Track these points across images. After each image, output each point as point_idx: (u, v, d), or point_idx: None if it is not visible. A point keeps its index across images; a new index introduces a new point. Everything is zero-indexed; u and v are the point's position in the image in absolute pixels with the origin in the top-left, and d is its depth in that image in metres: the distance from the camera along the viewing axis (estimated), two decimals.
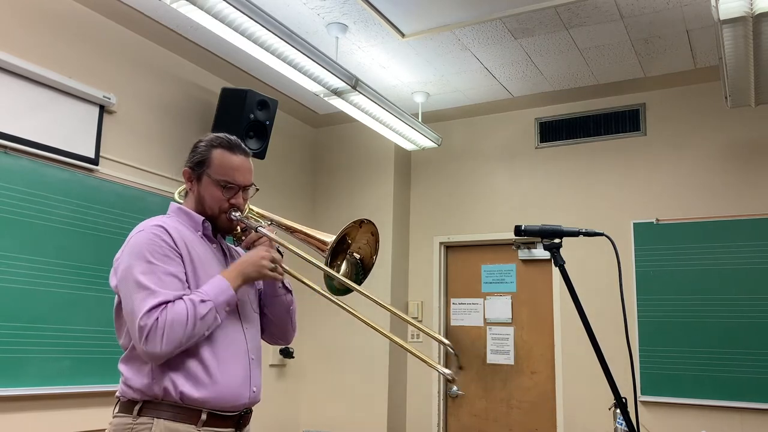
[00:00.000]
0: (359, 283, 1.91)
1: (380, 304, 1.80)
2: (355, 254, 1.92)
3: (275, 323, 1.99)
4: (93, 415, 3.25)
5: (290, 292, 1.99)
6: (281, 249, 1.92)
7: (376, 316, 4.66)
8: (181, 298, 1.66)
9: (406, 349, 1.84)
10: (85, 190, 3.33)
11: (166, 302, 1.63)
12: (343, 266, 1.92)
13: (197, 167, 1.85)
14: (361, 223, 1.89)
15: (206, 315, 1.65)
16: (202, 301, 1.66)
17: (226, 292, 1.71)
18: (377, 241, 1.94)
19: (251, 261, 1.79)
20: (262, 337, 2.03)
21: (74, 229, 3.25)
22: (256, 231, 1.88)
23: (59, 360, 3.11)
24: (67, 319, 3.16)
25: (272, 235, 1.87)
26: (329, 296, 1.87)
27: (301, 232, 1.93)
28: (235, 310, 1.81)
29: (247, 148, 1.91)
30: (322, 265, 1.81)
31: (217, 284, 1.72)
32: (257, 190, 1.92)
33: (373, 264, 1.95)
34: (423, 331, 1.86)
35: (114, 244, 1.77)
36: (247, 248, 1.90)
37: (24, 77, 3.11)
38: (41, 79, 3.17)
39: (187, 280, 1.73)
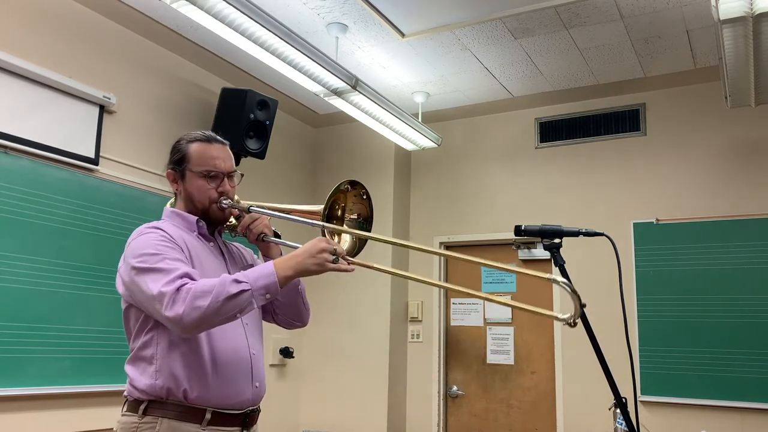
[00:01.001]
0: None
1: (391, 242, 1.74)
2: (351, 216, 1.89)
3: (287, 305, 1.98)
4: (94, 415, 3.25)
5: None
6: (277, 232, 1.92)
7: (378, 315, 4.54)
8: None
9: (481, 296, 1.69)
10: (85, 190, 3.33)
11: (185, 274, 1.60)
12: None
13: (178, 165, 1.86)
14: (344, 189, 1.85)
15: (237, 296, 1.56)
16: (236, 281, 1.57)
17: (267, 278, 1.60)
18: (368, 196, 1.89)
19: (309, 252, 1.63)
20: (278, 324, 2.03)
21: (74, 229, 3.25)
22: (249, 211, 1.87)
23: (60, 360, 3.11)
24: (68, 319, 3.16)
25: (267, 211, 1.87)
26: (372, 265, 1.73)
27: (293, 211, 1.91)
28: None
29: (223, 140, 1.91)
30: (320, 222, 1.76)
31: (262, 268, 1.63)
32: (242, 176, 1.92)
33: (373, 215, 1.89)
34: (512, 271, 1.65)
35: (114, 244, 1.79)
36: (244, 232, 1.90)
37: (24, 77, 3.11)
38: (41, 79, 3.17)
39: None
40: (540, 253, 4.66)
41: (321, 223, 1.76)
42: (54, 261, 3.13)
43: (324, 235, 1.76)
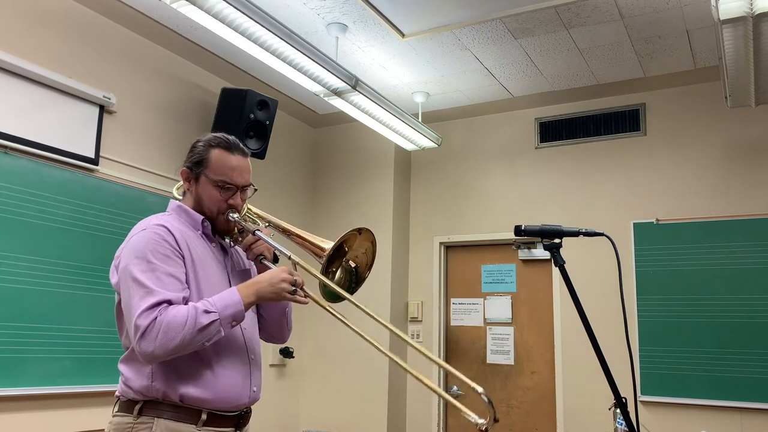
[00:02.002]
0: (352, 292, 1.88)
1: (374, 318, 1.77)
2: (351, 262, 1.90)
3: (271, 323, 2.00)
4: (94, 415, 3.25)
5: None
6: (276, 254, 1.92)
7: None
8: (185, 302, 1.65)
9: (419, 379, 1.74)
10: (85, 190, 3.33)
11: (165, 301, 1.62)
12: (338, 273, 1.91)
13: (195, 167, 1.84)
14: (360, 230, 1.87)
15: (208, 326, 1.61)
16: (206, 311, 1.62)
17: (234, 307, 1.67)
18: (374, 252, 1.91)
19: (270, 281, 1.73)
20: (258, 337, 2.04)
21: (74, 229, 3.25)
22: (254, 234, 1.87)
23: (60, 360, 3.11)
24: (68, 319, 3.16)
25: (269, 239, 1.87)
26: (326, 306, 1.82)
27: (298, 236, 1.92)
28: None
29: (245, 148, 1.90)
30: (318, 274, 1.80)
31: (227, 296, 1.68)
32: (255, 190, 1.92)
33: (367, 276, 1.92)
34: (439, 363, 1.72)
35: (114, 244, 1.78)
36: (245, 250, 1.90)
37: (24, 77, 3.11)
38: (41, 79, 3.16)
39: (187, 281, 1.72)
40: (540, 253, 4.66)
41: (320, 276, 1.80)
42: (54, 261, 3.13)
43: (322, 262, 1.80)
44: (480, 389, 1.62)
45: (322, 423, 4.87)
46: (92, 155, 3.40)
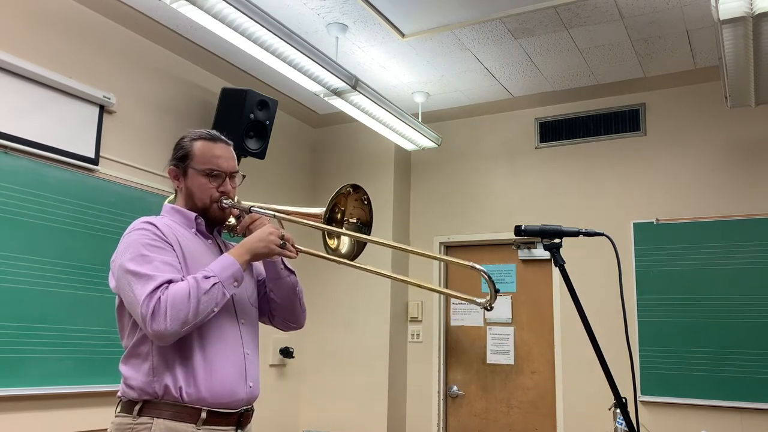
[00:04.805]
0: (369, 233, 1.95)
1: (388, 245, 1.85)
2: (350, 220, 1.95)
3: (284, 306, 2.00)
4: (94, 415, 3.25)
5: (293, 273, 2.00)
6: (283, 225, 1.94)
7: (378, 315, 4.54)
8: (183, 279, 1.67)
9: (431, 289, 1.88)
10: (85, 190, 3.33)
11: (166, 282, 1.63)
12: (346, 229, 1.95)
13: (181, 162, 1.87)
14: (348, 191, 1.92)
15: (210, 290, 1.64)
16: (206, 277, 1.65)
17: (231, 267, 1.70)
18: (368, 202, 1.97)
19: (259, 237, 1.78)
20: (274, 326, 2.05)
21: (74, 229, 3.25)
22: (250, 212, 1.89)
23: (60, 360, 3.11)
24: (68, 319, 3.16)
25: (268, 212, 1.89)
26: (324, 255, 1.89)
27: (294, 213, 1.94)
28: (231, 304, 1.81)
29: (227, 139, 1.93)
30: (322, 225, 1.85)
31: (221, 261, 1.72)
32: (244, 177, 1.94)
33: (372, 218, 1.97)
34: (447, 260, 1.85)
35: (114, 244, 1.78)
36: (243, 233, 1.91)
37: (24, 77, 3.11)
38: (41, 79, 3.16)
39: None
40: (540, 253, 4.66)
41: (322, 225, 1.81)
42: (54, 261, 3.13)
43: (324, 238, 1.86)
44: (479, 266, 1.72)
45: (322, 423, 4.87)
46: (92, 155, 3.40)
